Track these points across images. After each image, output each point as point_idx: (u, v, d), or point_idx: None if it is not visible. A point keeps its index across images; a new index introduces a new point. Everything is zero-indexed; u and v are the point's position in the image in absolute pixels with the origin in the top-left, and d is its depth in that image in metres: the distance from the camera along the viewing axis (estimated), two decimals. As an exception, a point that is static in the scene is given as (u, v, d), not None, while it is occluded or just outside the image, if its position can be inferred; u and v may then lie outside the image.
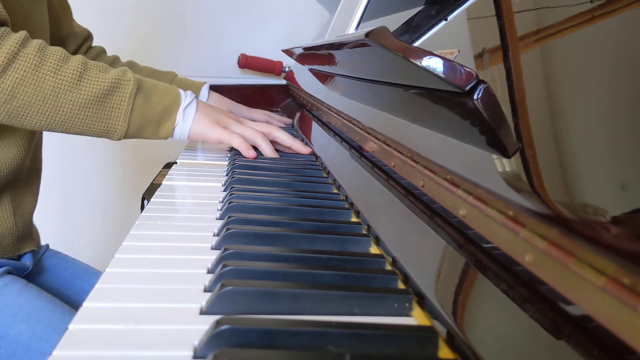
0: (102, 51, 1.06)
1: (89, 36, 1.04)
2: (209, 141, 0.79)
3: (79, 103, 0.69)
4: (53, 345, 0.68)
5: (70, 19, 0.98)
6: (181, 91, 0.78)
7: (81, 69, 0.69)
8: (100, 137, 0.73)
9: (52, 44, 0.90)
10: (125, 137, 0.73)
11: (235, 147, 0.79)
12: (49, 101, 0.67)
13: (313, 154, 0.86)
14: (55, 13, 0.92)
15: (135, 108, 0.72)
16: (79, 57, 0.70)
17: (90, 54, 1.04)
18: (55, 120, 0.69)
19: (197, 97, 0.81)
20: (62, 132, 0.71)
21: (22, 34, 0.67)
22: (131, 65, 1.06)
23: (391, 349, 0.31)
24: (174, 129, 0.77)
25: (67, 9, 0.96)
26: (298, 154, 0.86)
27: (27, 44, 0.67)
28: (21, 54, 0.66)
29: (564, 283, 0.24)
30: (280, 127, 1.07)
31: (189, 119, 0.77)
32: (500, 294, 0.30)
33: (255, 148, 0.81)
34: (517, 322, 0.28)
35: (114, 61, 1.06)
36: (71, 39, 0.98)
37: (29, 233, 0.84)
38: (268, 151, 0.82)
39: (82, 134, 0.72)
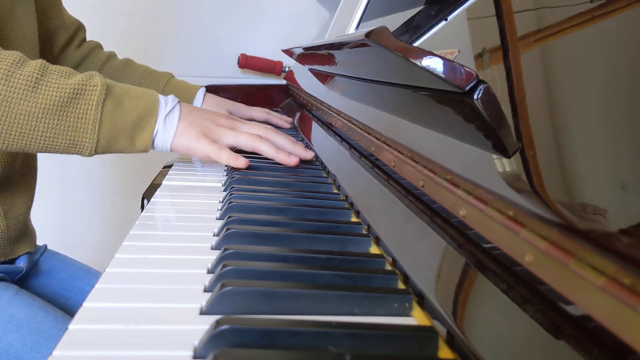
0: (97, 46, 1.00)
1: (80, 27, 0.98)
2: (195, 156, 0.71)
3: (36, 113, 0.60)
4: (45, 354, 0.68)
5: (59, 9, 0.92)
6: (161, 96, 0.69)
7: (38, 74, 0.61)
8: (68, 152, 0.64)
9: (41, 36, 0.85)
10: (96, 152, 0.65)
11: (224, 163, 0.71)
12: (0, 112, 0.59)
13: (314, 154, 0.86)
14: (42, 3, 0.87)
15: (104, 116, 0.63)
16: (38, 62, 0.62)
17: (85, 48, 0.99)
18: (11, 135, 0.60)
19: (189, 102, 0.74)
20: (23, 150, 0.63)
21: None
22: (127, 63, 1.01)
23: (391, 349, 0.31)
24: (154, 139, 0.67)
25: None
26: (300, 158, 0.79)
27: None
28: None
29: (564, 283, 0.24)
30: (280, 127, 1.06)
31: (171, 128, 0.68)
32: (500, 294, 0.30)
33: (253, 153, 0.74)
34: (517, 322, 0.28)
35: (110, 57, 1.00)
36: (61, 30, 0.93)
37: (23, 234, 0.82)
38: (270, 152, 0.73)
39: (46, 151, 0.63)
